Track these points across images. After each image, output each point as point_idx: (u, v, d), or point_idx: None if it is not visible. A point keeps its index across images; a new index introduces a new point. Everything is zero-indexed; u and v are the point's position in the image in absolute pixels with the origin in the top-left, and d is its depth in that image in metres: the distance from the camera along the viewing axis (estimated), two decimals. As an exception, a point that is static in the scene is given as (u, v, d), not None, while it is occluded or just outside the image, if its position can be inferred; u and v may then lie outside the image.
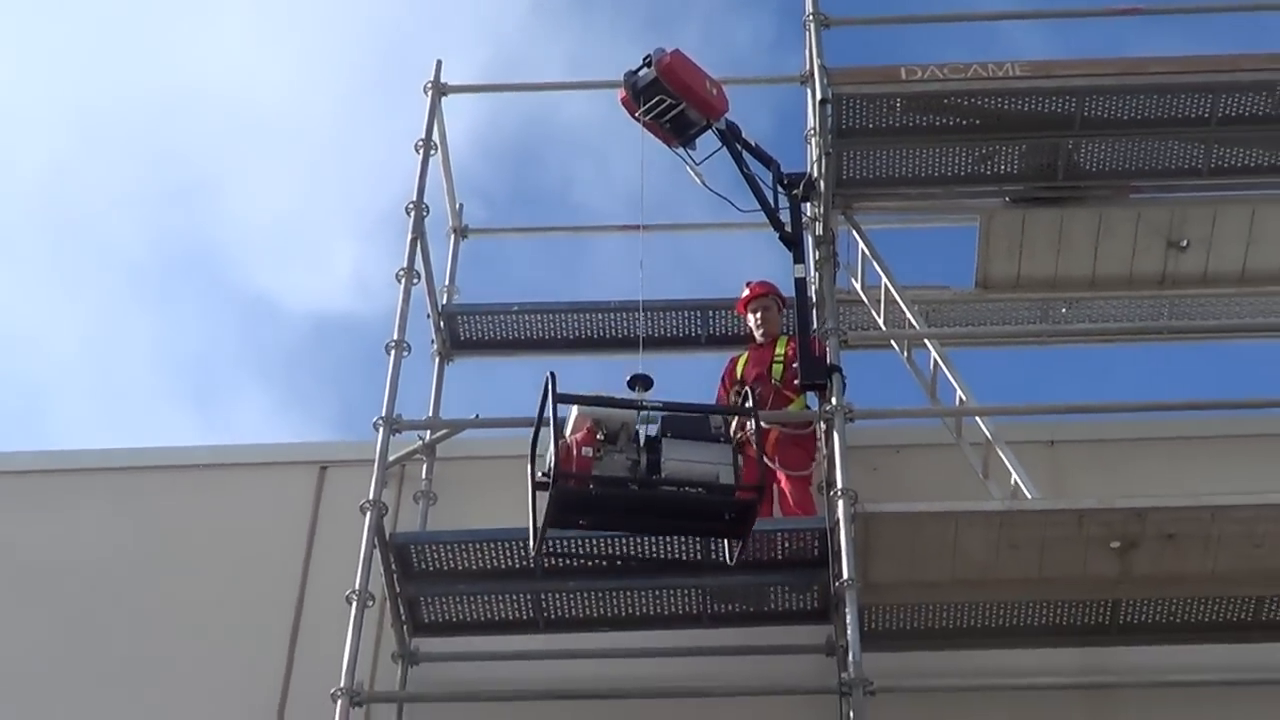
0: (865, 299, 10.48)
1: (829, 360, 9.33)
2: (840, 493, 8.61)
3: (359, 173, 23.90)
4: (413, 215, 10.15)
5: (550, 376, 7.35)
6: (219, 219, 24.21)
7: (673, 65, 9.65)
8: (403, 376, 9.52)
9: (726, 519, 7.51)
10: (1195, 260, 10.46)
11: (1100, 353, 11.99)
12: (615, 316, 11.02)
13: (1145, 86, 9.74)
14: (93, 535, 10.20)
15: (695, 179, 10.02)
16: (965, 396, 9.54)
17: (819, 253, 10.00)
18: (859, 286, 10.51)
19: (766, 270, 10.78)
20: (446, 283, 11.33)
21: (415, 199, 10.21)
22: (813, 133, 10.09)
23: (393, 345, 9.57)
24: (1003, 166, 10.16)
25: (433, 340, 10.99)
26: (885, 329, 10.32)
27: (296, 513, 10.20)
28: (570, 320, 11.14)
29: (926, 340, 9.95)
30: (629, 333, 10.65)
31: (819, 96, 9.78)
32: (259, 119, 24.02)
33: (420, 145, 10.51)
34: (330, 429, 24.11)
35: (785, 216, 10.02)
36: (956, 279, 10.79)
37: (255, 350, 24.98)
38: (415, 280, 10.00)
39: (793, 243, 9.96)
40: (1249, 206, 10.31)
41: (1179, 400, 10.33)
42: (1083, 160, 10.07)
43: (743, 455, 9.66)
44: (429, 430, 10.07)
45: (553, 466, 7.17)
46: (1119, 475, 9.81)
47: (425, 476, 10.13)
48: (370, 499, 8.87)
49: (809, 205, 10.15)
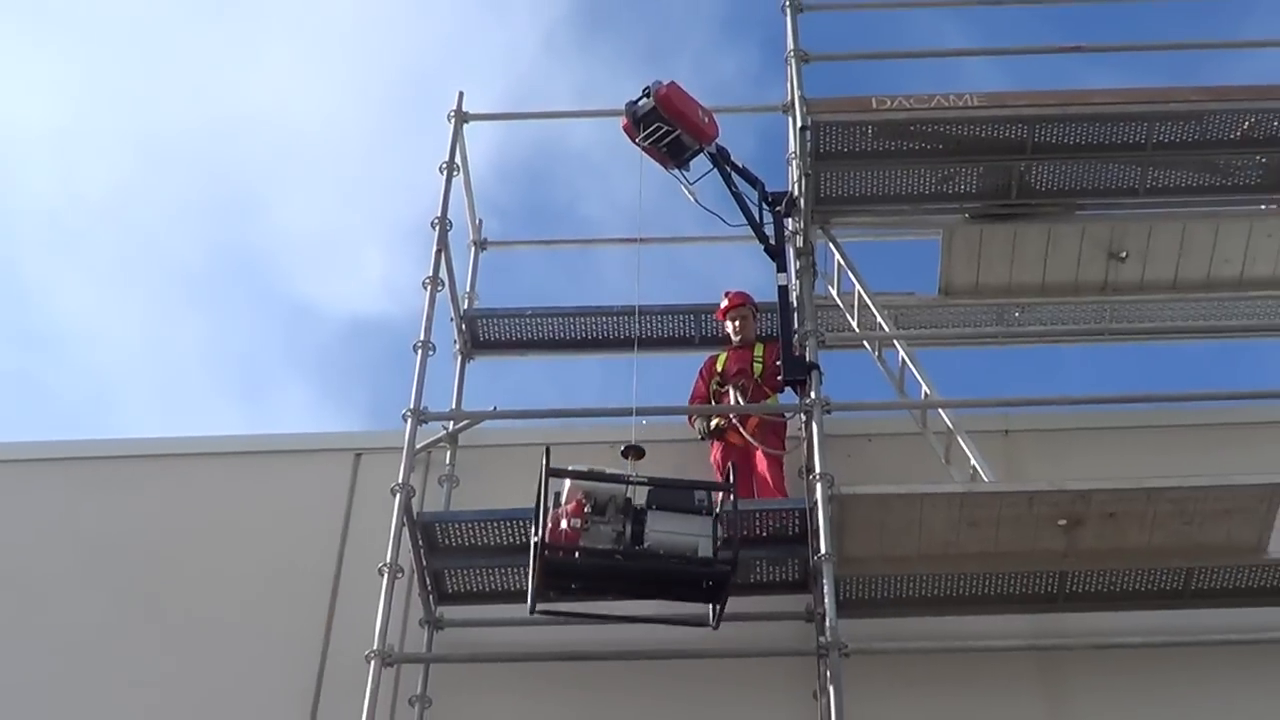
0: (841, 304, 10.46)
1: (809, 359, 9.39)
2: (818, 477, 8.70)
3: (388, 190, 23.86)
4: (437, 230, 10.19)
5: (545, 451, 7.47)
6: (265, 231, 24.31)
7: (669, 96, 9.71)
8: (428, 373, 9.59)
9: (705, 587, 7.63)
10: (1133, 270, 10.45)
11: (1049, 352, 12.01)
12: (617, 319, 11.01)
13: (1088, 115, 9.80)
14: (153, 515, 10.19)
15: (689, 197, 10.05)
16: (929, 391, 9.58)
17: (799, 263, 10.04)
18: (835, 293, 10.51)
19: (751, 277, 10.91)
20: (467, 289, 11.34)
21: (440, 215, 10.26)
22: (794, 156, 10.09)
23: (419, 345, 9.63)
24: (962, 186, 10.22)
25: (455, 341, 11.00)
26: (858, 331, 10.29)
27: (334, 495, 10.18)
28: (577, 323, 11.14)
29: (895, 341, 10.00)
30: (630, 334, 10.61)
31: (799, 124, 9.84)
32: (300, 142, 24.15)
33: (444, 167, 10.53)
34: (363, 420, 24.30)
35: (769, 230, 10.08)
36: (922, 286, 10.76)
37: (296, 349, 24.99)
38: (440, 287, 10.05)
39: (776, 254, 10.02)
40: (1180, 223, 10.29)
41: (1119, 394, 10.35)
42: (1033, 181, 10.12)
43: (724, 440, 9.91)
44: (452, 421, 10.12)
45: (540, 538, 7.34)
46: (1066, 461, 9.84)
47: (449, 462, 10.15)
48: (400, 482, 8.95)
49: (790, 220, 10.18)
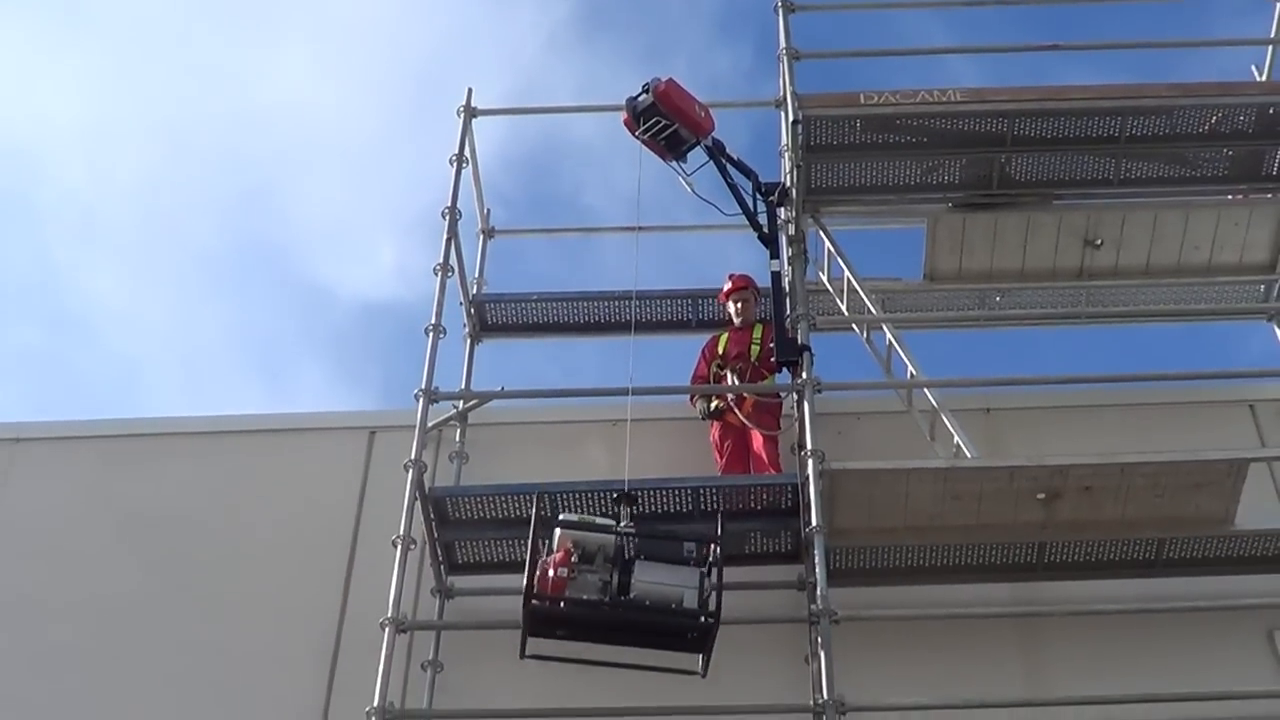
0: (831, 289, 10.44)
1: (800, 341, 9.36)
2: (810, 453, 8.67)
3: (400, 180, 23.90)
4: (448, 219, 10.11)
5: (535, 500, 7.33)
6: (283, 220, 24.28)
7: (667, 92, 9.64)
8: (439, 355, 9.50)
9: (690, 637, 7.34)
10: (1107, 256, 10.43)
11: (1028, 334, 11.92)
12: (618, 304, 10.96)
13: (1065, 110, 9.75)
14: (179, 490, 10.15)
15: (686, 187, 9.98)
16: (915, 371, 9.55)
17: (791, 250, 10.00)
18: (825, 278, 10.48)
19: (746, 264, 10.79)
20: (476, 275, 11.27)
21: (450, 205, 10.18)
22: (786, 148, 10.07)
23: (430, 328, 9.53)
24: (946, 177, 10.17)
25: (464, 324, 10.96)
26: (848, 314, 10.26)
27: (350, 471, 10.14)
28: (580, 307, 11.10)
29: (883, 324, 9.96)
30: (629, 317, 10.54)
31: (791, 118, 9.80)
32: (317, 135, 24.06)
33: (454, 159, 10.49)
34: (377, 399, 24.10)
35: (763, 219, 10.02)
36: (908, 272, 10.73)
37: (314, 332, 24.96)
38: (450, 273, 9.97)
39: (769, 241, 9.99)
40: (1152, 212, 10.29)
41: (1095, 375, 10.38)
42: (1013, 172, 10.08)
43: (723, 420, 9.85)
44: (462, 400, 10.03)
45: (527, 586, 7.12)
46: (1044, 438, 9.80)
47: (459, 439, 10.10)
48: (412, 458, 8.88)
49: (783, 210, 10.15)
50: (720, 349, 10.30)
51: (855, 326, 10.19)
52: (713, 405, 9.97)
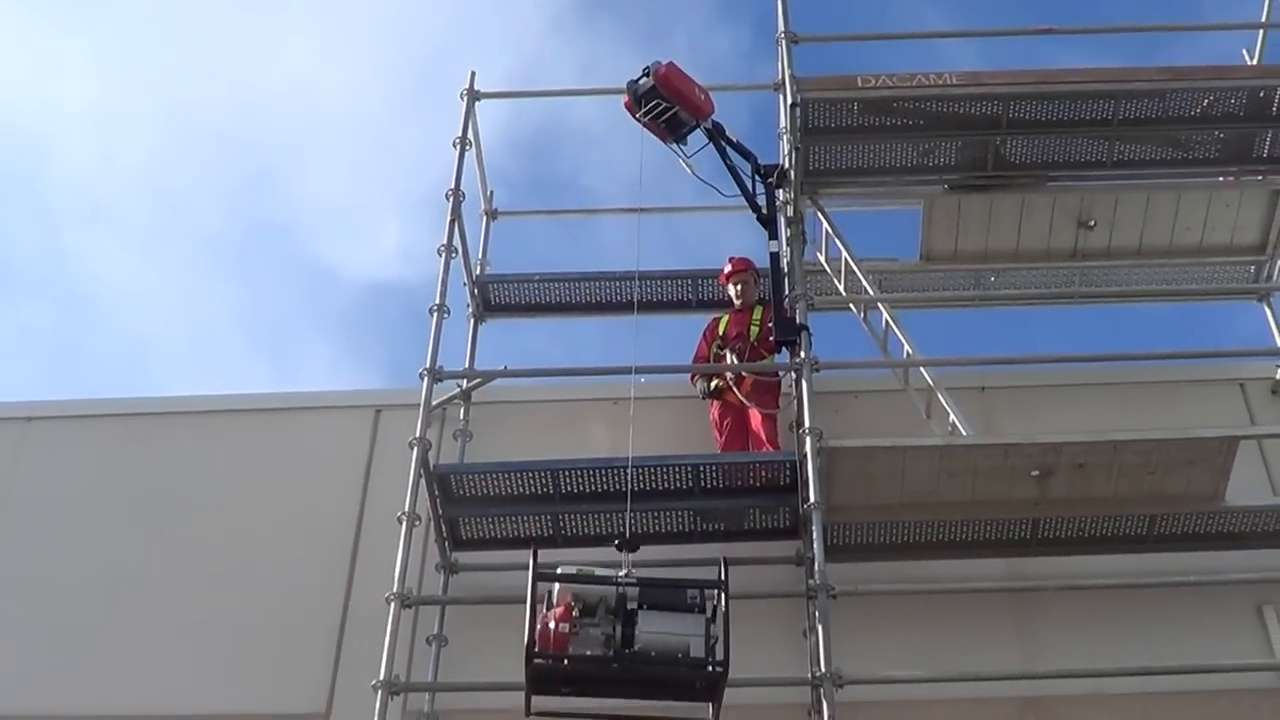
0: (828, 269, 10.39)
1: (799, 321, 9.35)
2: (808, 431, 8.67)
3: (404, 162, 23.97)
4: (451, 200, 10.07)
5: (533, 554, 6.93)
6: (289, 202, 24.30)
7: (668, 75, 9.60)
8: (443, 334, 9.48)
9: (698, 687, 6.90)
10: (1100, 237, 10.40)
11: (1023, 314, 11.91)
12: (619, 284, 10.92)
13: (1059, 93, 9.68)
14: (188, 467, 10.10)
15: (686, 169, 9.94)
16: (911, 350, 9.52)
17: (790, 231, 9.97)
18: (823, 259, 10.44)
19: (744, 245, 10.82)
20: (479, 256, 11.22)
21: (454, 187, 10.13)
22: (784, 131, 10.03)
23: (435, 308, 9.52)
24: (942, 159, 10.07)
25: (468, 304, 10.94)
26: (845, 294, 10.22)
27: (356, 448, 10.10)
28: (581, 287, 11.06)
29: (879, 303, 9.90)
30: (630, 297, 10.53)
31: (790, 101, 9.73)
32: (322, 118, 24.13)
33: (458, 142, 10.44)
34: (382, 378, 24.16)
35: (762, 201, 9.99)
36: (904, 252, 10.68)
37: (319, 312, 25.04)
38: (454, 254, 9.94)
39: (768, 222, 9.97)
40: (1144, 193, 10.25)
41: (1088, 354, 10.29)
42: (1008, 154, 9.99)
43: (723, 399, 9.83)
44: (466, 379, 10.01)
45: (528, 643, 6.73)
46: (1038, 415, 9.78)
47: (463, 418, 10.05)
48: (417, 436, 8.88)
49: (781, 191, 10.10)
50: (720, 330, 10.29)
51: (852, 306, 10.15)
52: (713, 384, 9.94)
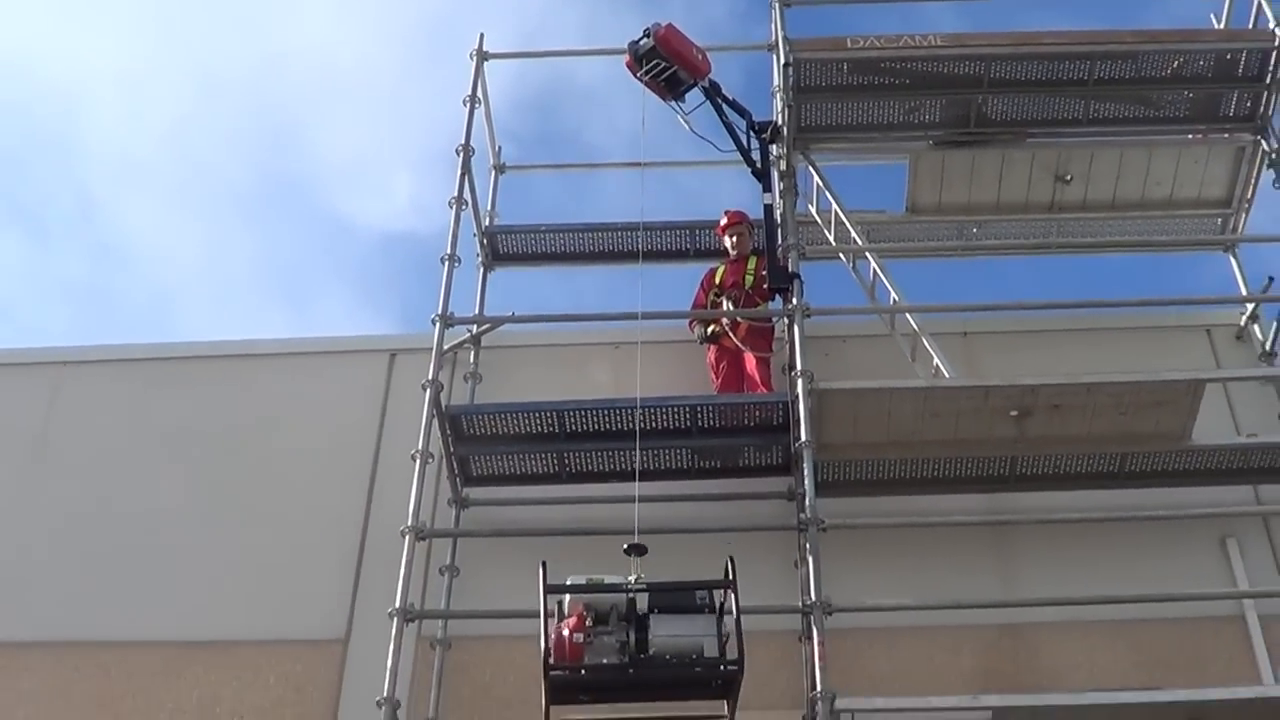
0: (819, 221, 10.43)
1: (791, 269, 9.38)
2: (799, 373, 8.70)
3: (416, 119, 23.96)
4: (461, 155, 10.10)
5: (541, 567, 6.73)
6: (307, 157, 24.37)
7: (667, 36, 9.63)
8: (454, 282, 9.52)
9: (714, 685, 6.77)
10: (1076, 191, 10.46)
11: (1003, 263, 12.02)
12: (622, 234, 10.96)
13: (1038, 54, 9.79)
14: (214, 408, 10.17)
15: (684, 125, 9.97)
16: (897, 297, 9.58)
17: (783, 184, 10.00)
18: (814, 211, 10.48)
19: (740, 197, 10.81)
20: (488, 208, 11.24)
21: (464, 143, 10.17)
22: (778, 89, 10.09)
23: (446, 258, 9.54)
24: (927, 116, 10.16)
25: (477, 254, 10.95)
26: (835, 244, 10.25)
27: (372, 390, 10.15)
28: (586, 238, 11.10)
29: (867, 253, 9.95)
30: (634, 247, 10.52)
31: (783, 61, 9.83)
32: (339, 77, 24.14)
33: (467, 100, 10.47)
34: (396, 323, 24.33)
35: (756, 155, 10.02)
36: (891, 205, 10.74)
37: (336, 262, 25.09)
38: (464, 206, 9.99)
39: (762, 176, 9.99)
40: (1118, 149, 10.31)
41: (1064, 300, 10.35)
42: (989, 112, 10.08)
43: (719, 344, 9.93)
44: (475, 325, 9.99)
45: (544, 656, 6.57)
46: (1017, 359, 9.81)
47: (473, 361, 10.11)
48: (429, 379, 8.92)
49: (775, 146, 10.13)
50: (717, 279, 10.33)
51: (842, 256, 10.18)
52: (710, 330, 10.00)
